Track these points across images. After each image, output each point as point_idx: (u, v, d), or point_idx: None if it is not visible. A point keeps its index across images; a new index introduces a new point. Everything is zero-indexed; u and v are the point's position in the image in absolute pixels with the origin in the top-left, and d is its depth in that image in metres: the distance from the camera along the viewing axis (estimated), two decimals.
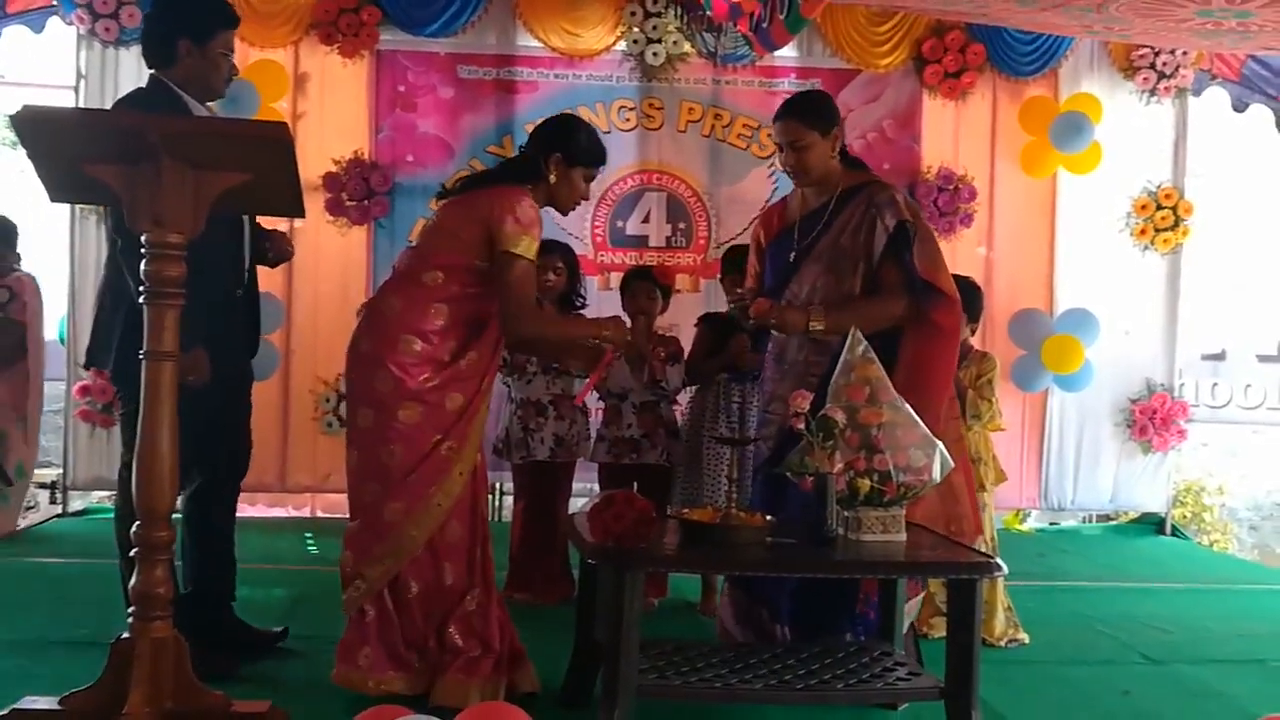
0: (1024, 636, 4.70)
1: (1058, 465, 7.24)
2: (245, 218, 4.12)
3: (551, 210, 3.91)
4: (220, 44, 4.01)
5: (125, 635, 3.30)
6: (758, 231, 4.47)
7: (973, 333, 4.90)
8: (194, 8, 4.02)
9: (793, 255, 4.14)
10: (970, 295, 4.87)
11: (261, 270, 4.33)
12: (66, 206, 6.49)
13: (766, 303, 4.03)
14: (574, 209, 4.06)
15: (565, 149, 3.85)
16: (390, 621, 3.68)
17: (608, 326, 3.91)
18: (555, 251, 5.04)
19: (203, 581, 4.12)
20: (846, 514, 3.44)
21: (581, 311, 5.20)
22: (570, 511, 4.83)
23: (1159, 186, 7.18)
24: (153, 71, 4.03)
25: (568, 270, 5.11)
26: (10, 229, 6.30)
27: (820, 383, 3.82)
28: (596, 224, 6.91)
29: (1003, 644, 4.62)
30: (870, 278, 4.01)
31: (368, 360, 3.66)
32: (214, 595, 4.14)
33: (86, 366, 4.25)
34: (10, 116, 3.36)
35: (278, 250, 4.35)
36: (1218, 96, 7.22)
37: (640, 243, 7.00)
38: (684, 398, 5.20)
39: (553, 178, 3.83)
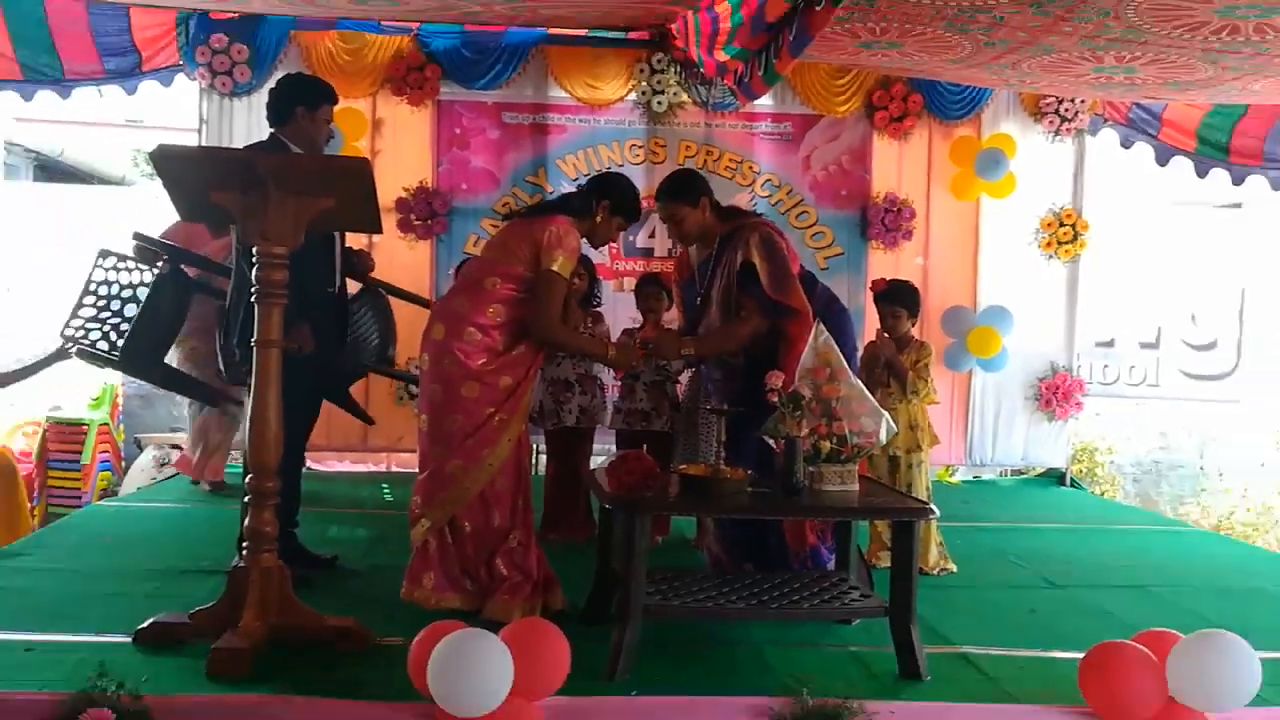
0: (952, 566, 4.71)
1: (980, 431, 7.22)
2: (336, 236, 4.20)
3: None
4: (325, 113, 4.21)
5: (240, 564, 3.33)
6: (673, 272, 4.67)
7: (913, 325, 4.89)
8: (309, 85, 4.30)
9: (699, 299, 4.26)
10: (912, 296, 4.88)
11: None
12: None
13: (651, 331, 4.39)
14: (602, 246, 4.12)
15: (614, 200, 3.89)
16: (449, 553, 3.71)
17: (614, 350, 4.04)
18: (579, 261, 5.04)
19: None
20: (811, 469, 3.45)
21: (598, 310, 5.20)
22: (592, 468, 4.85)
23: (1062, 208, 7.15)
24: (271, 130, 4.20)
25: (589, 276, 5.12)
26: None
27: (735, 396, 3.96)
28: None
29: (935, 572, 4.63)
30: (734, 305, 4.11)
31: (438, 346, 3.68)
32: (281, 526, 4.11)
33: (223, 344, 4.37)
34: (149, 153, 3.39)
35: (362, 265, 4.60)
36: (1109, 136, 7.19)
37: (648, 253, 6.99)
38: (683, 378, 5.20)
39: (598, 219, 3.87)
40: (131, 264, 5.00)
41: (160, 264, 4.98)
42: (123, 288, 4.96)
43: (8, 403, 5.92)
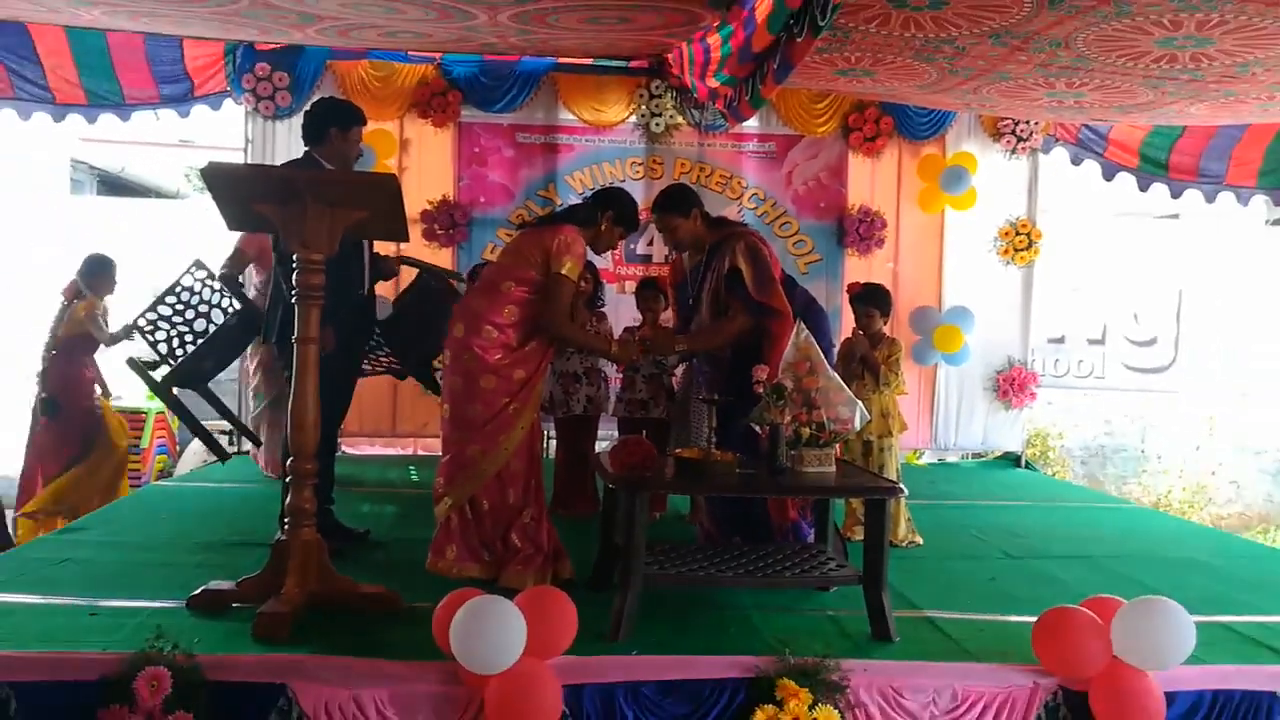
0: (919, 539, 4.71)
1: (944, 418, 7.21)
2: (365, 243, 4.17)
3: None
4: (356, 133, 4.17)
5: (282, 538, 3.33)
6: (669, 276, 4.61)
7: (885, 323, 4.88)
8: (341, 108, 4.22)
9: (691, 301, 4.25)
10: (884, 297, 4.86)
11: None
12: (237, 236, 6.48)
13: (648, 329, 4.31)
14: (605, 253, 4.10)
15: (616, 211, 3.88)
16: (469, 527, 3.70)
17: (616, 346, 4.01)
18: (585, 266, 5.04)
19: None
20: (792, 452, 3.45)
21: (601, 310, 5.18)
22: (597, 451, 4.84)
23: (1018, 219, 7.14)
24: (306, 148, 4.15)
25: (594, 280, 5.11)
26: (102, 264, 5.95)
27: (723, 387, 3.96)
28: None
29: (904, 545, 4.62)
30: (720, 307, 4.10)
31: (459, 343, 3.67)
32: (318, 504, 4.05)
33: (263, 341, 4.37)
34: (201, 170, 3.38)
35: (388, 270, 4.55)
36: (1060, 154, 7.18)
37: (646, 259, 6.98)
38: (678, 371, 5.19)
39: (602, 227, 3.86)
40: (216, 284, 4.89)
41: (233, 309, 4.85)
42: (202, 301, 4.82)
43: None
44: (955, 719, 2.91)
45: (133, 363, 4.87)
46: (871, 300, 4.79)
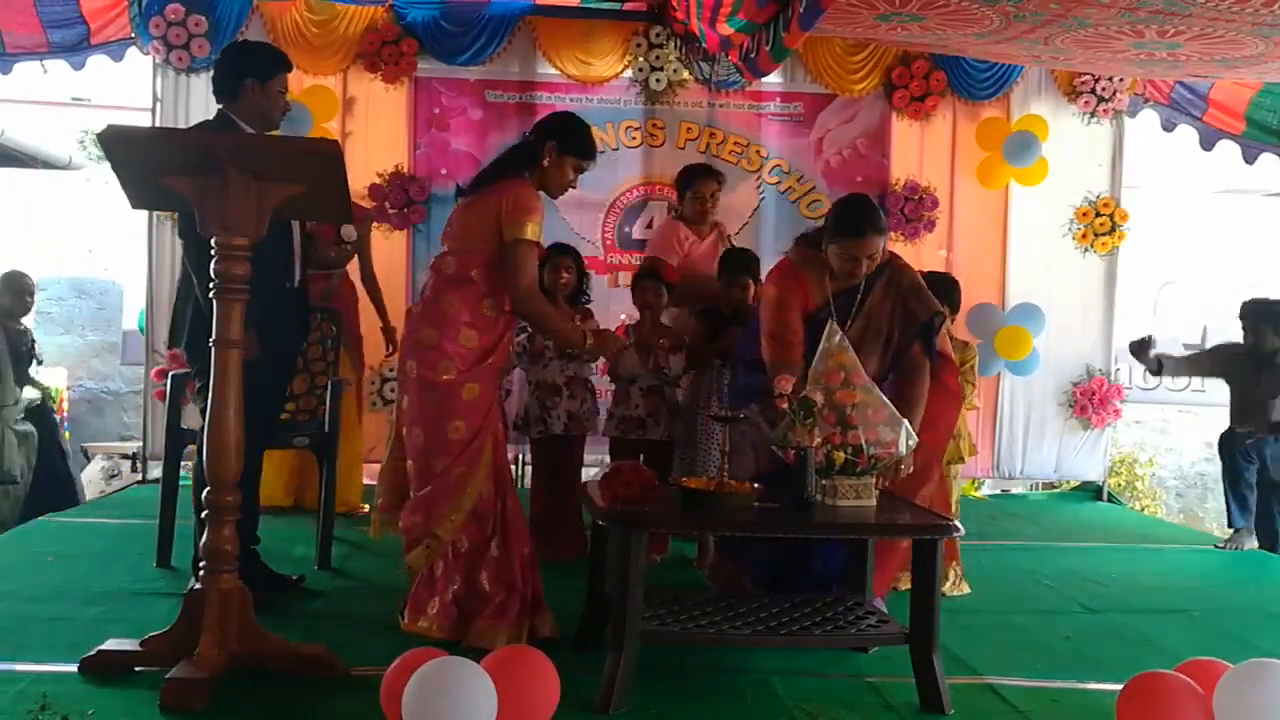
0: (967, 587, 4.69)
1: (1008, 440, 7.22)
2: (294, 223, 4.14)
3: (568, 217, 3.90)
4: (278, 84, 4.11)
5: (197, 586, 3.32)
6: (798, 297, 4.00)
7: (950, 323, 4.86)
8: (259, 53, 4.19)
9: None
10: (950, 289, 4.84)
11: None
12: (144, 215, 6.50)
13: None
14: (561, 195, 4.01)
15: (560, 138, 3.85)
16: (450, 575, 3.69)
17: (594, 339, 3.94)
18: (568, 254, 5.07)
19: None
20: (824, 482, 3.45)
21: (588, 307, 5.18)
22: (583, 480, 4.84)
23: (1098, 196, 7.17)
24: (220, 106, 4.11)
25: (576, 269, 5.11)
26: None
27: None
28: (606, 230, 6.89)
29: (948, 594, 4.59)
30: (893, 356, 3.95)
31: (430, 349, 3.67)
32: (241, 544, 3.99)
33: (170, 347, 4.35)
34: (97, 134, 3.37)
35: (322, 256, 4.57)
36: (1150, 118, 7.20)
37: (645, 246, 6.98)
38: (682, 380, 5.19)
39: (546, 162, 3.83)
40: None
41: None
42: None
43: None
44: None
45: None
46: (936, 294, 4.76)
